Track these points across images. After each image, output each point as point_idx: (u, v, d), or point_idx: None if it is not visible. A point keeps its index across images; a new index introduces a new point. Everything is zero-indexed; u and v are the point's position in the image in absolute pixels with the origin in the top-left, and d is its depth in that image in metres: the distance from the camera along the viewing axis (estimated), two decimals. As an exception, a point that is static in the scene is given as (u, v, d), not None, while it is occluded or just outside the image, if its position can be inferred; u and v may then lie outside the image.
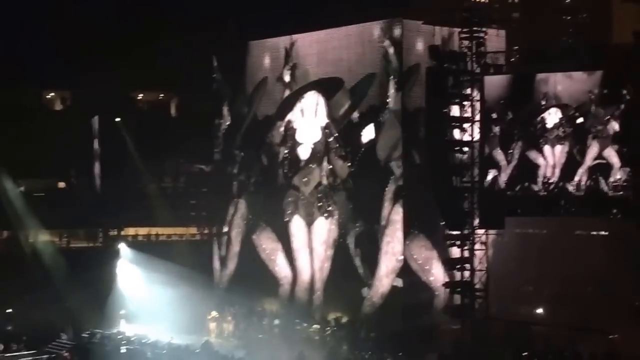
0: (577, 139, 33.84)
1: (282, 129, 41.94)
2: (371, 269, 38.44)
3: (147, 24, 51.17)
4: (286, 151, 41.88)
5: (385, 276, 37.96)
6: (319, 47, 40.65)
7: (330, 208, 40.26)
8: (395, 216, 37.62)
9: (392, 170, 37.71)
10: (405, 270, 37.26)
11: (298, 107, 41.35)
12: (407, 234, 37.24)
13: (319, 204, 40.60)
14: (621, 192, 32.96)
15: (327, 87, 40.34)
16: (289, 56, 41.76)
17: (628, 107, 32.39)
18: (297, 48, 41.55)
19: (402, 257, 37.26)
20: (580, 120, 33.65)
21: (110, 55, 50.95)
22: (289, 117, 41.69)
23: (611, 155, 33.31)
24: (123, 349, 38.29)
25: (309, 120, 40.93)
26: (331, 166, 40.29)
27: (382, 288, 38.09)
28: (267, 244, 42.95)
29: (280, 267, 42.28)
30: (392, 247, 37.73)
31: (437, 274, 37.07)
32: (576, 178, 33.75)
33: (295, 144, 41.48)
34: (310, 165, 40.96)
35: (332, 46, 40.05)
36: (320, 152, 40.68)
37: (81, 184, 55.69)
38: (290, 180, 41.65)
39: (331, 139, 40.20)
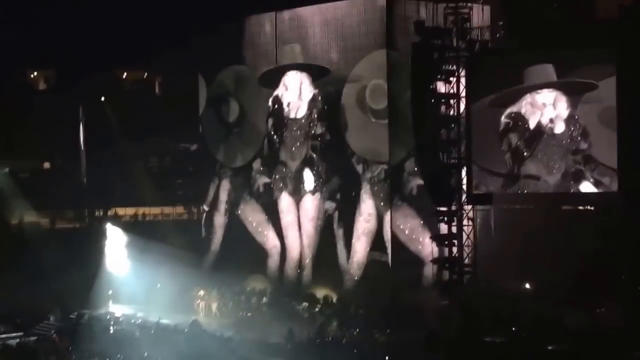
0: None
1: (269, 103, 41.82)
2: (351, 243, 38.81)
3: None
4: (273, 126, 41.82)
5: (363, 250, 38.44)
6: (306, 22, 40.47)
7: (316, 183, 40.30)
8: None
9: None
10: (392, 244, 37.47)
11: (282, 82, 41.21)
12: (391, 206, 37.34)
13: (306, 179, 40.63)
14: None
15: (313, 72, 40.30)
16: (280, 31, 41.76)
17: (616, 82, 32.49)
18: (284, 23, 41.37)
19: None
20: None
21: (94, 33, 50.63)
22: (276, 92, 41.58)
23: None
24: (111, 330, 38.34)
25: (294, 95, 40.83)
26: (317, 141, 40.29)
27: (360, 260, 38.43)
28: (254, 218, 42.97)
29: (268, 241, 42.34)
30: (367, 218, 38.19)
31: (425, 245, 37.13)
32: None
33: (282, 118, 41.40)
34: (297, 140, 40.92)
35: (321, 20, 39.88)
36: (306, 127, 40.63)
37: (66, 164, 55.45)
38: (277, 156, 41.65)
39: (316, 114, 40.17)
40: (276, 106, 41.54)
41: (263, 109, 42.09)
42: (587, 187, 33.26)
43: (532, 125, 34.33)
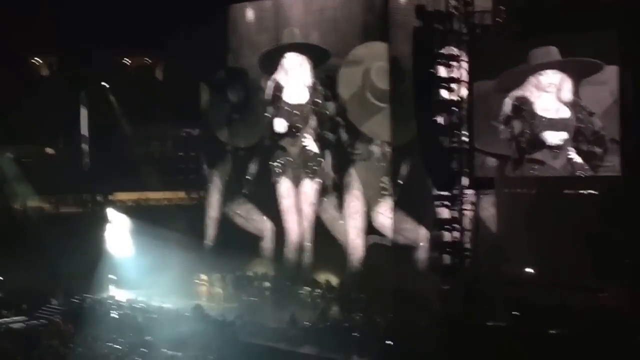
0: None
1: (270, 89, 41.72)
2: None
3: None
4: (274, 112, 41.73)
5: (359, 234, 38.62)
6: (303, 6, 40.40)
7: (315, 168, 40.31)
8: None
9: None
10: (393, 227, 37.50)
11: (281, 65, 41.10)
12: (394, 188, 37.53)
13: (305, 165, 40.64)
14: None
15: (314, 55, 40.13)
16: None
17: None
18: (280, 7, 41.28)
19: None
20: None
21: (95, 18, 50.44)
22: (275, 76, 41.47)
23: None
24: (114, 314, 38.45)
25: (294, 79, 40.79)
26: (317, 125, 40.29)
27: (359, 245, 38.55)
28: (255, 203, 43.05)
29: (269, 226, 42.35)
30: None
31: (426, 229, 37.17)
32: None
33: (283, 104, 41.33)
34: (298, 124, 40.91)
35: (317, 5, 39.82)
36: (306, 111, 40.61)
37: (69, 149, 55.43)
38: (278, 141, 41.61)
39: (317, 97, 40.15)
40: (276, 91, 41.42)
41: (264, 91, 42.04)
42: (590, 170, 33.15)
43: (537, 108, 34.15)
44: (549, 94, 33.66)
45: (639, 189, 31.56)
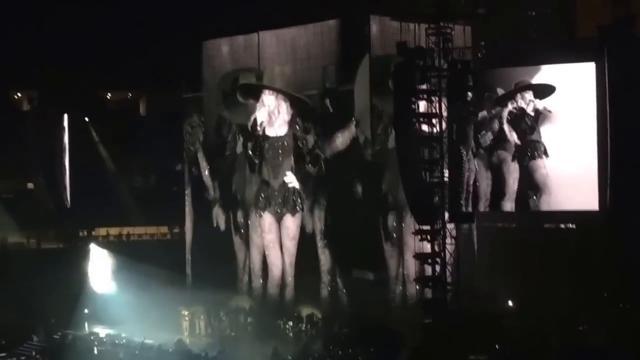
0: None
1: (250, 124, 41.89)
2: (337, 262, 39.12)
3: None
4: (254, 145, 41.91)
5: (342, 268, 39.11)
6: (283, 45, 40.81)
7: (298, 202, 40.51)
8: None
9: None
10: (376, 262, 37.67)
11: (260, 100, 41.35)
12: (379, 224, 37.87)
13: (287, 199, 40.81)
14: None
15: (294, 103, 40.60)
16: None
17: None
18: (259, 46, 41.66)
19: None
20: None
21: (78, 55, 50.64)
22: (255, 113, 41.67)
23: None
24: (95, 350, 38.26)
25: (273, 114, 41.06)
26: (298, 159, 40.54)
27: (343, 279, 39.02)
28: (238, 237, 43.07)
29: (251, 260, 42.41)
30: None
31: (408, 263, 37.33)
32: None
33: (264, 138, 41.48)
34: (279, 159, 41.11)
35: (299, 44, 40.21)
36: (287, 146, 40.85)
37: (50, 184, 55.29)
38: (259, 176, 41.75)
39: (296, 132, 40.44)
40: (256, 127, 41.52)
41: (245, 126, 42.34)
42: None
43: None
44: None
45: (616, 223, 31.92)
